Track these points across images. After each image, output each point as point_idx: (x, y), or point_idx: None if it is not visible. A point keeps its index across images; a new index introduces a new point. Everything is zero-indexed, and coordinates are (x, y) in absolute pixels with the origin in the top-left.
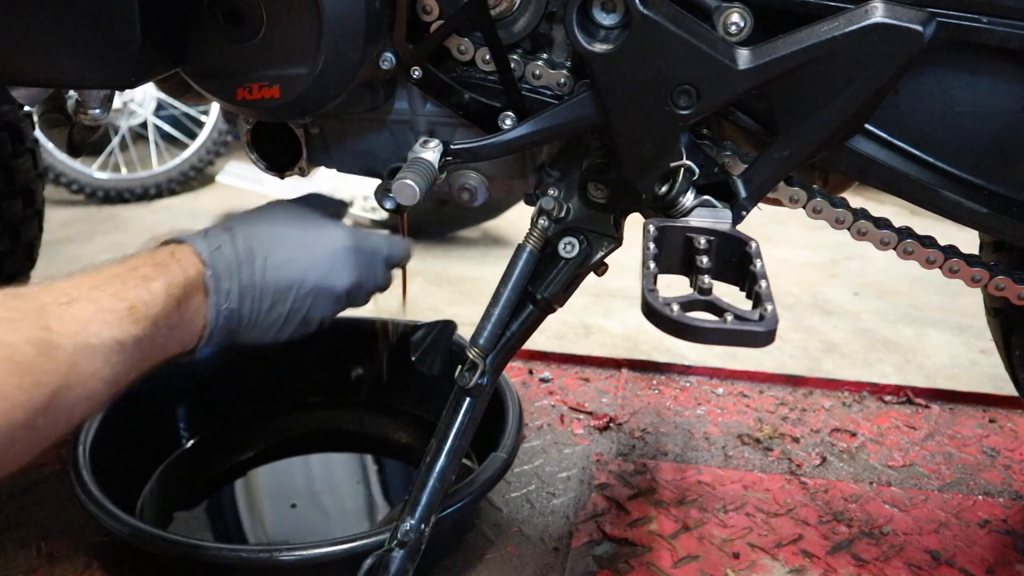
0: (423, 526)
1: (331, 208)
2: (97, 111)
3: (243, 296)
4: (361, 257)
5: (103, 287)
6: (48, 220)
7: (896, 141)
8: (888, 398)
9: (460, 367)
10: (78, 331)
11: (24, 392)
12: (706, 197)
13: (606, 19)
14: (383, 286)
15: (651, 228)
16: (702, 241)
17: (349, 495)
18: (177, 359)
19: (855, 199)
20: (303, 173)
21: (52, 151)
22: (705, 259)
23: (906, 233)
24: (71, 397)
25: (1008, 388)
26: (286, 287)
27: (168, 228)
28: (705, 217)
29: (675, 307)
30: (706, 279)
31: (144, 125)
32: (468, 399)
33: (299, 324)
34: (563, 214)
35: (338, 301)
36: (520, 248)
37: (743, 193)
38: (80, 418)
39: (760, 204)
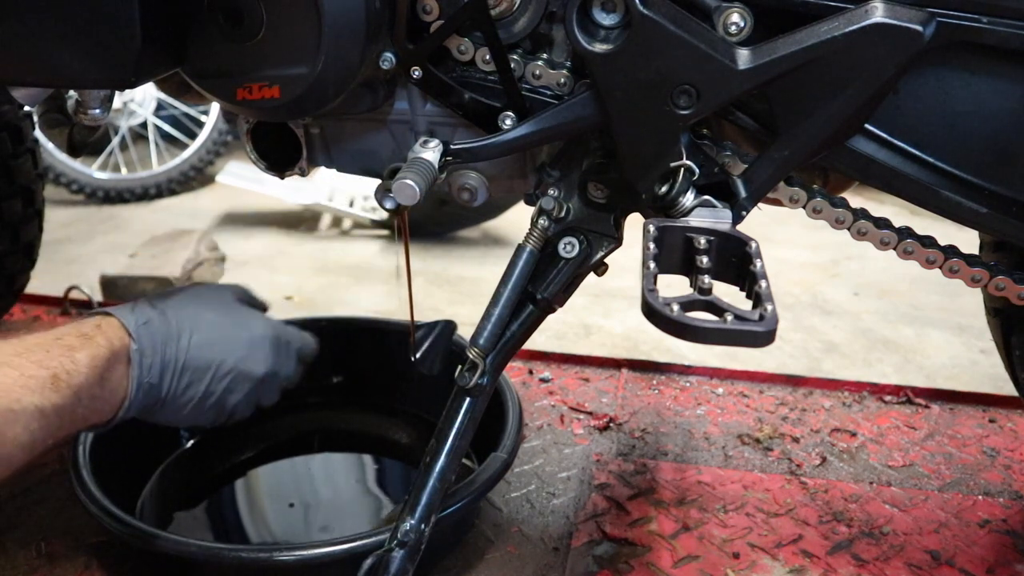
0: (423, 526)
1: (254, 301)
2: (97, 111)
3: (164, 372)
4: (278, 347)
5: (27, 354)
6: (48, 220)
7: (896, 141)
8: (888, 398)
9: (460, 367)
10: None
11: None
12: (706, 197)
13: (606, 19)
14: (294, 379)
15: (651, 228)
16: (702, 241)
17: (349, 495)
18: (93, 429)
19: (855, 199)
20: (303, 173)
21: (52, 151)
22: (705, 259)
23: (906, 233)
24: None
25: (1008, 388)
26: (205, 366)
27: (168, 228)
28: (705, 217)
29: (675, 307)
30: (706, 279)
31: (144, 125)
32: (468, 399)
33: (212, 406)
34: (563, 214)
35: (253, 387)
36: (520, 248)
37: (743, 193)
38: None
39: (760, 204)
